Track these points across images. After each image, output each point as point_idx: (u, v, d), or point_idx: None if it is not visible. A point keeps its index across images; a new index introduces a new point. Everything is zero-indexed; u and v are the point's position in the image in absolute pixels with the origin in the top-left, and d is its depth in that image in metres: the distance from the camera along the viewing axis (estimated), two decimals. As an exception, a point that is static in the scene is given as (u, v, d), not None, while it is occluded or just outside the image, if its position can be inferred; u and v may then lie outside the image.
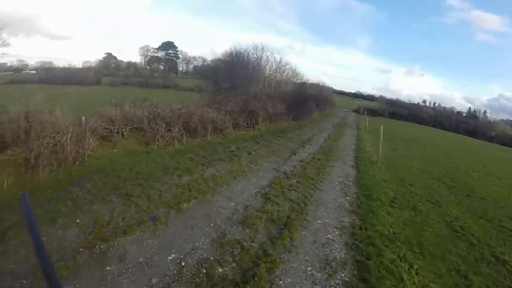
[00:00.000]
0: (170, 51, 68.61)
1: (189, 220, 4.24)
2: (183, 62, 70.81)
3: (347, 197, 6.14)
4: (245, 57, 18.88)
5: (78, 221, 3.95)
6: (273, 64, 21.99)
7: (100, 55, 61.56)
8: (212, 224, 4.20)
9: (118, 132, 8.26)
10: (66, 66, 48.47)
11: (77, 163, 6.10)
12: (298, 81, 24.64)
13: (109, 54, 60.34)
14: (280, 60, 22.29)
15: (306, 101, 21.83)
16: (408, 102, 59.37)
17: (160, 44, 67.19)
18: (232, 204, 5.01)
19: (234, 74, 17.33)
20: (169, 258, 3.42)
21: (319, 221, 4.77)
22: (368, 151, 12.17)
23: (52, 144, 5.89)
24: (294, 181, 6.72)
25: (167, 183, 5.52)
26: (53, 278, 0.73)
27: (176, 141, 8.94)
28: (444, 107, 63.76)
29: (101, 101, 10.94)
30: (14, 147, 5.33)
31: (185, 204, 4.67)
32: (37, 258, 0.76)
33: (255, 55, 21.05)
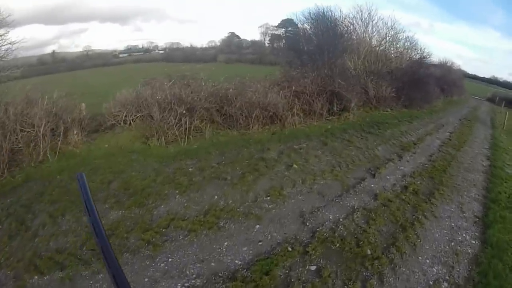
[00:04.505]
0: (289, 28, 66.35)
1: None
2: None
3: None
4: (335, 20, 14.10)
5: None
6: (383, 33, 16.16)
7: (224, 35, 66.19)
8: None
9: (126, 121, 6.94)
10: (191, 45, 52.11)
11: (33, 164, 5.03)
12: (417, 56, 17.42)
13: (232, 34, 63.99)
14: (392, 26, 16.07)
15: (426, 83, 15.12)
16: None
17: (279, 22, 66.12)
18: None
19: (318, 43, 13.16)
20: None
21: None
22: (510, 176, 6.25)
23: (14, 140, 5.01)
24: (313, 268, 2.89)
25: (64, 229, 3.44)
26: (110, 256, 0.67)
27: (189, 136, 6.76)
28: None
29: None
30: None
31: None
32: (95, 238, 0.70)
33: (360, 20, 15.93)
